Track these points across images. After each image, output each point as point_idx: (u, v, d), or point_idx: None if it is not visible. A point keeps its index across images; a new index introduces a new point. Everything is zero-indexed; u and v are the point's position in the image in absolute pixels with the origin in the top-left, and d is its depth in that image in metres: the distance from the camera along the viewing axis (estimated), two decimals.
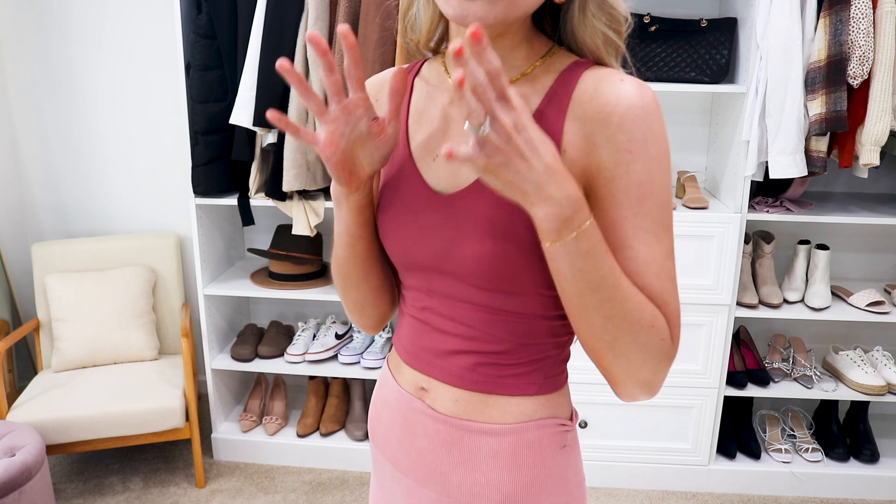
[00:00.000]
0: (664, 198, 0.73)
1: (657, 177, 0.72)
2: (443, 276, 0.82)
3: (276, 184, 2.24)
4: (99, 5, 2.66)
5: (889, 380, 2.30)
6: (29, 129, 2.81)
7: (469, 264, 0.77)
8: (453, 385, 0.85)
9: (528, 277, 0.76)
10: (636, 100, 0.71)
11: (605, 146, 0.72)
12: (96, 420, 2.21)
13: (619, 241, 0.73)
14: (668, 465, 2.43)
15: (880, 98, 2.00)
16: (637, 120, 0.71)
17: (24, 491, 1.90)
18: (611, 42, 0.78)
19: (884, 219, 2.21)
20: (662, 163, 0.72)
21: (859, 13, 1.97)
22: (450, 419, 0.85)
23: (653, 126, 0.71)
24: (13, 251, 2.81)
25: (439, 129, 0.83)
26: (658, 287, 0.73)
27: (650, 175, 0.72)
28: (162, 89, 2.69)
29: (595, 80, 0.74)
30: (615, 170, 0.72)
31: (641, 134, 0.71)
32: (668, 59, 2.23)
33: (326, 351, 2.52)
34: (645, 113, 0.71)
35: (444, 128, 0.82)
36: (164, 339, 2.66)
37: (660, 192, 0.72)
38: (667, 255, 0.74)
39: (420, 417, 0.88)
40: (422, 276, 0.84)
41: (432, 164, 0.82)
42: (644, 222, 0.72)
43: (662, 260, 0.73)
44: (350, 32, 0.66)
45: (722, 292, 2.25)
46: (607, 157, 0.72)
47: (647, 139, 0.71)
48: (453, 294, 0.82)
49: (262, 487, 2.45)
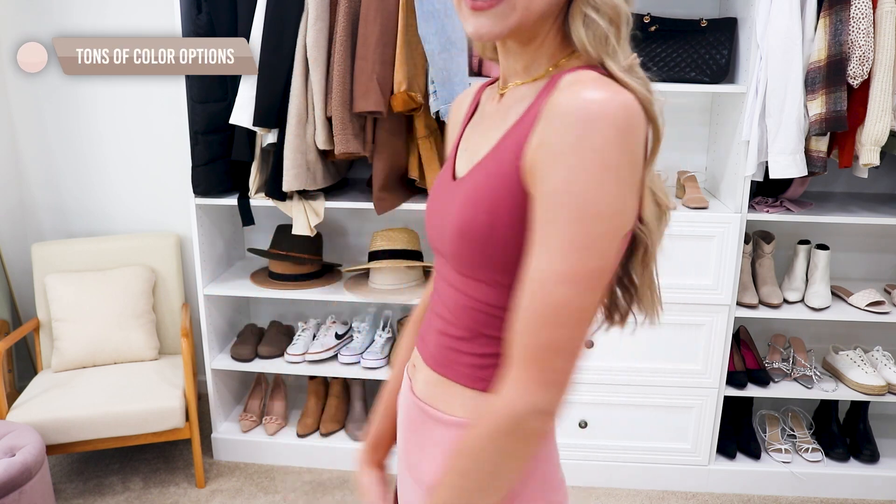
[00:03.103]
0: (584, 213, 0.66)
1: (579, 189, 0.66)
2: (440, 257, 0.87)
3: (276, 184, 2.24)
4: (99, 5, 2.66)
5: (889, 380, 2.30)
6: (29, 129, 2.81)
7: (447, 244, 0.81)
8: (427, 364, 0.88)
9: (487, 264, 0.77)
10: (581, 104, 0.66)
11: (544, 145, 0.69)
12: (96, 420, 2.21)
13: (530, 245, 0.70)
14: (668, 465, 2.43)
15: (880, 98, 2.00)
16: (575, 124, 0.66)
17: (24, 491, 1.89)
18: (601, 39, 0.74)
19: (884, 219, 2.21)
20: (594, 177, 0.66)
21: (859, 13, 1.97)
22: (419, 401, 0.89)
23: (591, 135, 0.66)
24: (13, 251, 2.81)
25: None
26: (522, 312, 0.69)
27: (570, 185, 0.66)
28: (162, 89, 2.69)
29: (568, 83, 0.72)
30: (542, 170, 0.69)
31: (573, 139, 0.66)
32: (668, 59, 2.23)
33: (326, 351, 2.52)
34: (586, 118, 0.66)
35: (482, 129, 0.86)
36: (164, 339, 2.66)
37: (579, 206, 0.66)
38: (559, 279, 0.67)
39: (407, 396, 0.94)
40: (436, 257, 0.90)
41: (464, 153, 0.87)
42: (549, 234, 0.68)
43: (551, 283, 0.67)
44: None
45: (722, 292, 2.25)
46: (542, 156, 0.69)
47: (578, 147, 0.66)
48: (443, 274, 0.86)
49: (262, 487, 2.45)
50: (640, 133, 0.69)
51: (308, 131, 2.21)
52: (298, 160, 2.19)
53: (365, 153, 2.21)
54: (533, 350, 0.69)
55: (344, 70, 2.11)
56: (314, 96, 2.17)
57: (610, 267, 0.71)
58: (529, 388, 0.69)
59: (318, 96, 2.16)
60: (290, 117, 2.17)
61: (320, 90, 2.16)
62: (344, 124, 2.13)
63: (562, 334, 0.68)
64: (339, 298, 2.44)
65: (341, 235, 2.79)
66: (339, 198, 2.41)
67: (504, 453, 0.71)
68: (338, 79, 2.11)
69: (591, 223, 0.67)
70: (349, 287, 2.47)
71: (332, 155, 2.27)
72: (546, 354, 0.68)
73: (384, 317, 2.68)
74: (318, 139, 2.19)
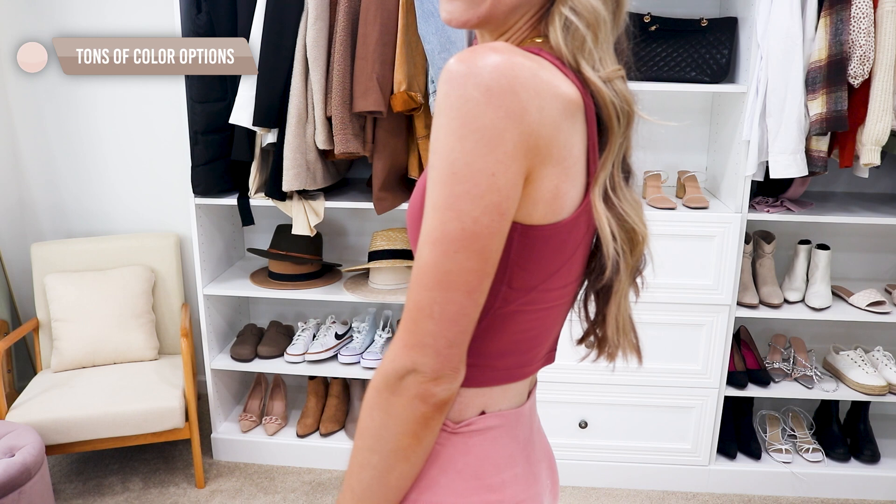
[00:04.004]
0: (443, 173, 0.64)
1: (438, 146, 0.65)
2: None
3: (276, 183, 2.24)
4: (99, 5, 2.66)
5: (890, 380, 2.30)
6: (29, 129, 2.81)
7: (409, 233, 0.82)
8: None
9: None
10: (451, 64, 0.65)
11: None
12: (96, 420, 2.21)
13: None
14: (668, 465, 2.43)
15: (881, 98, 1.99)
16: (443, 83, 0.65)
17: (23, 491, 1.89)
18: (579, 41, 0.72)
19: (884, 219, 2.20)
20: (452, 134, 0.64)
21: (860, 13, 1.96)
22: None
23: (452, 92, 0.63)
24: (13, 251, 2.81)
25: None
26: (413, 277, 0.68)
27: (434, 144, 0.65)
28: (162, 89, 2.69)
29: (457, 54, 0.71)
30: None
31: (440, 98, 0.65)
32: (668, 59, 2.23)
33: (326, 351, 2.51)
34: (450, 77, 0.64)
35: None
36: (164, 339, 2.66)
37: (440, 166, 0.65)
38: (424, 241, 0.66)
39: None
40: None
41: None
42: (429, 195, 0.66)
43: (420, 246, 0.66)
44: None
45: (722, 292, 2.24)
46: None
47: (441, 105, 0.64)
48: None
49: (261, 487, 2.44)
50: (521, 100, 0.64)
51: (308, 131, 2.21)
52: (298, 160, 2.19)
53: (365, 153, 2.21)
54: (406, 311, 0.68)
55: (344, 70, 2.11)
56: (314, 96, 2.16)
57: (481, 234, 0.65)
58: (403, 349, 0.68)
59: (317, 96, 2.16)
60: (290, 117, 2.17)
61: (320, 90, 2.16)
62: (344, 124, 2.13)
63: (428, 296, 0.66)
64: (339, 298, 2.44)
65: (341, 235, 2.79)
66: (339, 198, 2.41)
67: (386, 410, 0.70)
68: (338, 78, 2.11)
69: (450, 183, 0.64)
70: (349, 287, 2.46)
71: (332, 155, 2.27)
72: (416, 316, 0.67)
73: (384, 317, 2.68)
74: (318, 139, 2.19)
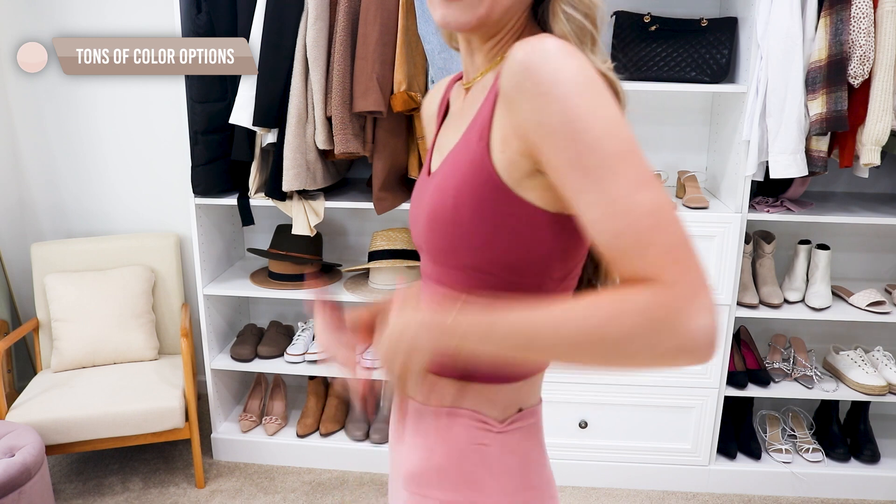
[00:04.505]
0: (596, 134, 0.63)
1: (578, 113, 0.64)
2: (420, 252, 0.88)
3: (276, 183, 2.24)
4: (99, 5, 2.66)
5: (890, 380, 2.30)
6: (29, 129, 2.81)
7: (422, 236, 0.82)
8: None
9: (454, 248, 0.78)
10: (535, 44, 0.66)
11: (520, 100, 0.67)
12: (96, 420, 2.21)
13: (570, 203, 0.67)
14: (668, 465, 2.42)
15: (881, 98, 1.99)
16: (539, 62, 0.65)
17: (23, 491, 1.89)
18: (582, 29, 0.74)
19: (884, 219, 2.20)
20: (584, 99, 0.64)
21: (860, 13, 1.96)
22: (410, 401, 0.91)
23: (558, 66, 0.65)
24: (13, 251, 2.80)
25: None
26: (620, 237, 0.63)
27: (566, 114, 0.64)
28: (162, 89, 2.69)
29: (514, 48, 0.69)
30: (535, 118, 0.66)
31: (548, 75, 0.65)
32: (668, 59, 2.23)
33: None
34: (545, 54, 0.65)
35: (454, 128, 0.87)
36: (164, 339, 2.66)
37: (586, 129, 0.63)
38: (628, 192, 0.63)
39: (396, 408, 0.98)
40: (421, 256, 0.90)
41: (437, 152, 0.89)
42: (577, 172, 0.64)
43: (622, 198, 0.63)
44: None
45: (722, 292, 2.24)
46: (527, 109, 0.67)
47: (555, 79, 0.64)
48: (424, 269, 0.88)
49: (261, 487, 2.44)
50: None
51: (308, 131, 2.21)
52: (298, 160, 2.19)
53: (365, 153, 2.21)
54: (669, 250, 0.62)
55: (344, 70, 2.11)
56: (314, 96, 2.16)
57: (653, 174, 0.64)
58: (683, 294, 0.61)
59: (317, 96, 2.16)
60: (290, 117, 2.17)
61: (320, 90, 2.16)
62: (344, 124, 2.13)
63: (681, 228, 0.63)
64: (339, 298, 2.44)
65: (341, 235, 2.79)
66: (339, 198, 2.41)
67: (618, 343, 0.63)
68: (338, 78, 2.11)
69: (612, 141, 0.63)
70: (349, 287, 2.46)
71: (332, 155, 2.27)
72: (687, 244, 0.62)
73: None
74: (318, 139, 2.19)
